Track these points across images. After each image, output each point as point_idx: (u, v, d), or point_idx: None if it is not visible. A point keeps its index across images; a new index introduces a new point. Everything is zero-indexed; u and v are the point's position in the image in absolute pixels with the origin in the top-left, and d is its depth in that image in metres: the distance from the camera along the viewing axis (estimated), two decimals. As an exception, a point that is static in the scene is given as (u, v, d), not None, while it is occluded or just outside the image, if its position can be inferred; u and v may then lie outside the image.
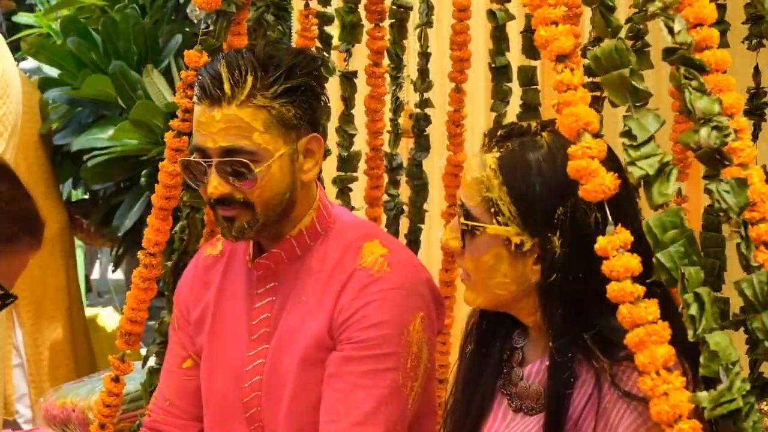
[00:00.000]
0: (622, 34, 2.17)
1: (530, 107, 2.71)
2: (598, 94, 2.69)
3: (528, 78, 2.68)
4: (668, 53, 1.49)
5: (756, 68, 2.45)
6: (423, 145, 2.82)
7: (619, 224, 1.52)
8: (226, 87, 2.02)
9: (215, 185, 2.05)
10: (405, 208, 2.83)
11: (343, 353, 2.07)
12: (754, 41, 2.43)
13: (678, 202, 2.60)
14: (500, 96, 2.72)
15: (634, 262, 1.46)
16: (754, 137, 2.33)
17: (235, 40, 2.35)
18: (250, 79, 2.03)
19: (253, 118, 2.03)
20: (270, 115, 2.04)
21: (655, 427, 1.60)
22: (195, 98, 2.08)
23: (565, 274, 1.70)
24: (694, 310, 1.42)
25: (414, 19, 2.73)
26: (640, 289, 1.46)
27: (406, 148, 3.05)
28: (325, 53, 2.56)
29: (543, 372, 1.80)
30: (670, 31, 1.46)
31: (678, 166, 1.45)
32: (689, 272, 1.43)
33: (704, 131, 1.46)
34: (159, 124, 3.72)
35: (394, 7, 2.64)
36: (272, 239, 2.15)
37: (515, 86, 2.70)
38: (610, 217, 1.52)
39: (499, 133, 1.77)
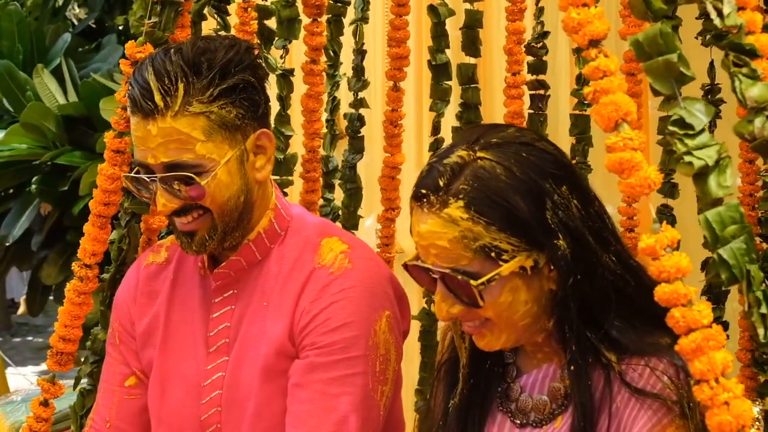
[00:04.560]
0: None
1: (470, 106, 2.61)
2: (541, 92, 2.62)
3: (468, 76, 2.59)
4: (717, 38, 1.40)
5: (711, 64, 2.40)
6: (357, 146, 2.70)
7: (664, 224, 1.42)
8: (157, 98, 1.86)
9: (164, 202, 1.90)
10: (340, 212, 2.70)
11: (308, 360, 1.92)
12: (708, 36, 2.38)
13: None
14: (440, 95, 2.62)
15: (686, 262, 1.36)
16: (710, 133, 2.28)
17: (178, 33, 2.17)
18: (181, 86, 1.86)
19: (192, 128, 1.87)
20: (209, 120, 1.88)
21: (670, 425, 1.56)
22: (128, 109, 1.91)
23: (576, 274, 1.62)
24: (765, 308, 1.34)
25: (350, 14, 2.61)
26: (693, 291, 1.37)
27: (339, 150, 2.91)
28: (264, 49, 2.40)
29: (542, 381, 1.72)
30: (719, 14, 1.38)
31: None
32: (754, 270, 1.34)
33: (759, 121, 1.38)
34: (51, 128, 3.48)
35: (332, 2, 2.51)
36: (231, 249, 2.00)
37: (454, 84, 2.60)
38: (654, 215, 1.42)
39: (441, 183, 1.62)
